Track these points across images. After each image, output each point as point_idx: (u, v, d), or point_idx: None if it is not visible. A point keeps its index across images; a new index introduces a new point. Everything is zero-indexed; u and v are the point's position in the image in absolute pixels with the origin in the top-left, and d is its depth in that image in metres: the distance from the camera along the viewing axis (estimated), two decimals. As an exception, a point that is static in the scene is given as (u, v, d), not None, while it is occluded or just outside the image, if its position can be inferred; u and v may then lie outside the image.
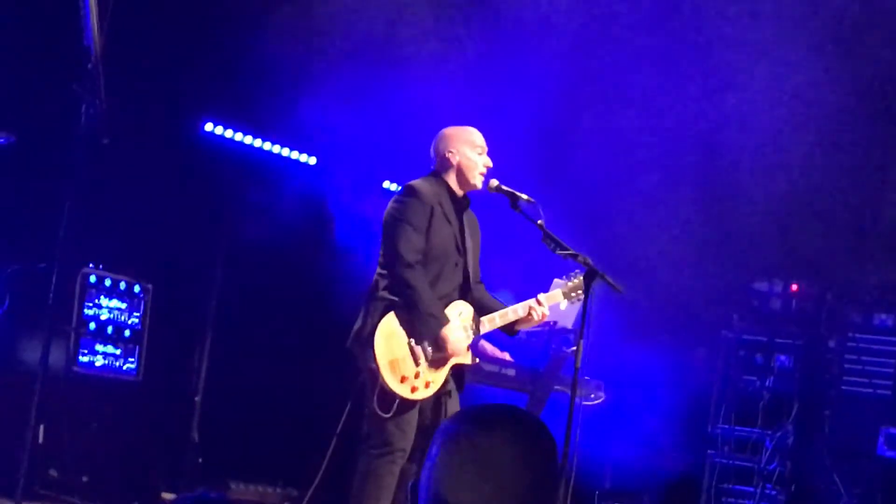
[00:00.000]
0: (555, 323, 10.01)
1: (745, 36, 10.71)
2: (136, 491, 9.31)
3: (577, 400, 7.34)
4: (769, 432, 11.45)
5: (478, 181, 7.47)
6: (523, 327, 7.68)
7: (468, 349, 7.40)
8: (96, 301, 9.61)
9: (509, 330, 7.68)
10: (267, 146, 11.29)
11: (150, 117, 10.02)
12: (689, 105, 10.95)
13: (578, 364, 7.29)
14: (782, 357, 11.63)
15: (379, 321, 7.15)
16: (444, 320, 7.20)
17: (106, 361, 9.63)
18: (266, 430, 10.84)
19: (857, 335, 11.47)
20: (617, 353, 10.18)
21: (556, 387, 9.81)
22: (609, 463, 10.50)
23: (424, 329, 7.16)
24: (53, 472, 8.61)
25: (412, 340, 7.15)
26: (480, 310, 7.54)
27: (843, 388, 11.49)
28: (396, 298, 7.17)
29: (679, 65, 10.92)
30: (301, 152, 11.47)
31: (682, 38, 10.82)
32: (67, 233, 6.32)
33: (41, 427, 6.11)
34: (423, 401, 7.22)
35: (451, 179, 7.49)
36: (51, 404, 6.31)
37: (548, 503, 2.83)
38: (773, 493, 11.40)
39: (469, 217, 7.63)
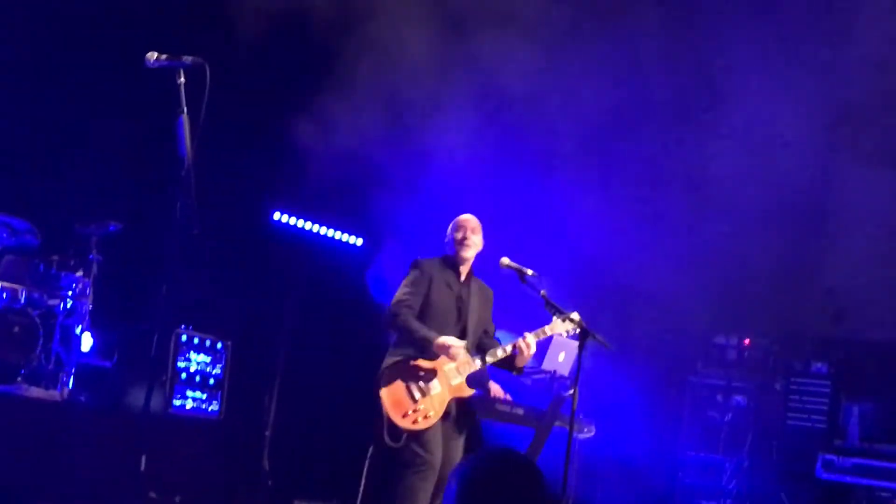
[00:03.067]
0: (555, 371, 10.01)
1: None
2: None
3: (573, 434, 7.32)
4: (728, 458, 11.38)
5: (461, 254, 7.54)
6: (519, 363, 7.59)
7: (462, 386, 7.36)
8: (187, 355, 9.63)
9: (511, 367, 7.65)
10: (322, 230, 11.33)
11: (231, 210, 10.11)
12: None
13: (575, 406, 7.27)
14: (738, 397, 11.57)
15: (384, 369, 7.26)
16: (434, 336, 7.20)
17: (195, 404, 9.63)
18: (324, 457, 10.81)
19: (798, 379, 11.42)
20: (605, 397, 10.14)
21: (557, 423, 9.77)
22: (599, 486, 10.43)
23: (422, 349, 7.21)
24: (153, 494, 8.59)
25: (407, 384, 7.20)
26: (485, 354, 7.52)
27: (788, 422, 11.42)
28: (398, 352, 7.29)
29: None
30: (350, 234, 11.51)
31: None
32: (165, 301, 6.31)
33: (143, 457, 6.08)
34: (430, 428, 7.18)
35: (453, 257, 7.58)
36: (151, 439, 6.28)
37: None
38: (732, 507, 11.33)
39: (477, 286, 7.66)
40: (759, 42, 10.31)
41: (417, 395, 7.20)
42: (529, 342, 7.50)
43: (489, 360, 7.50)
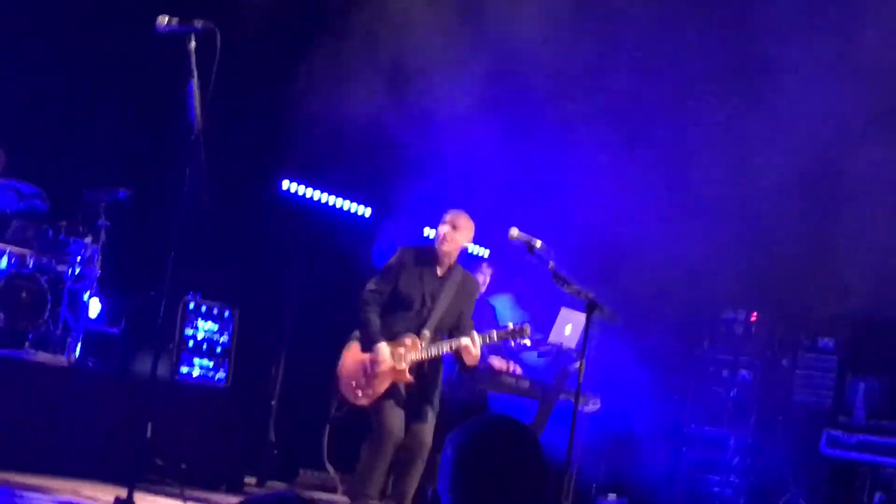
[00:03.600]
0: (561, 344, 10.01)
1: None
2: (223, 476, 9.29)
3: (579, 407, 7.33)
4: (733, 433, 11.39)
5: (439, 249, 7.78)
6: (467, 361, 7.68)
7: (404, 372, 7.55)
8: (194, 323, 9.62)
9: (463, 365, 7.79)
10: (330, 199, 11.32)
11: (240, 177, 10.08)
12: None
13: (581, 378, 7.27)
14: (744, 372, 11.59)
15: (351, 340, 7.76)
16: (378, 341, 7.52)
17: (201, 372, 9.63)
18: (329, 428, 10.81)
19: (805, 355, 11.43)
20: (611, 370, 10.14)
21: (562, 395, 9.78)
22: (603, 459, 10.44)
23: (366, 345, 7.58)
24: (159, 461, 8.60)
25: (361, 359, 7.61)
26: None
27: (793, 397, 11.43)
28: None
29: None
30: (359, 204, 11.49)
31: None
32: (173, 268, 6.31)
33: (150, 424, 6.08)
34: (373, 403, 7.53)
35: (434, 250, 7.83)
36: (157, 406, 6.29)
37: (542, 493, 2.77)
38: (736, 482, 11.34)
39: (459, 280, 7.81)
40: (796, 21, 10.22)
41: (365, 374, 7.56)
42: (471, 344, 7.57)
43: (435, 351, 7.65)
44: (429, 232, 11.59)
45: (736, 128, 10.67)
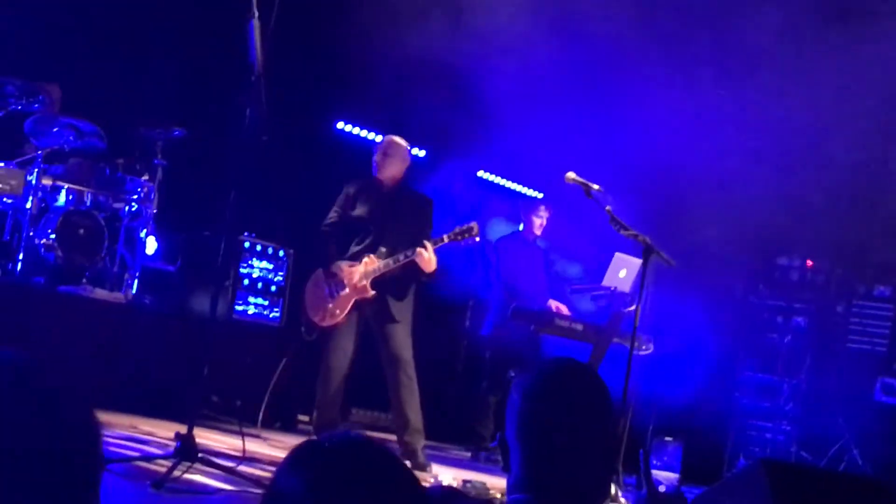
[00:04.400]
0: (615, 288, 9.98)
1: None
2: (278, 414, 9.38)
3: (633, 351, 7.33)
4: (786, 380, 11.37)
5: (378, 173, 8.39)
6: (424, 267, 7.95)
7: (365, 287, 8.02)
8: (249, 262, 9.69)
9: (420, 273, 8.05)
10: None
11: (295, 119, 10.10)
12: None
13: (637, 322, 7.26)
14: (798, 319, 11.54)
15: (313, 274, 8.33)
16: (334, 262, 8.18)
17: (256, 310, 9.71)
18: (380, 368, 10.88)
19: (861, 302, 11.36)
20: (665, 314, 10.10)
21: (615, 339, 9.77)
22: (656, 402, 10.43)
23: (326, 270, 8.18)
24: (215, 398, 8.71)
25: (323, 286, 8.18)
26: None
27: (848, 345, 11.39)
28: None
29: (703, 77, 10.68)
30: (413, 146, 11.47)
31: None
32: (230, 208, 6.34)
33: (207, 362, 6.14)
34: (338, 324, 8.12)
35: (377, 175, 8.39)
36: (213, 344, 6.34)
37: (610, 435, 2.78)
38: (788, 429, 11.33)
39: (408, 198, 8.36)
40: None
41: (331, 295, 8.10)
42: (423, 249, 7.89)
43: (392, 263, 8.02)
44: (483, 174, 11.58)
45: (806, 78, 10.53)
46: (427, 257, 7.85)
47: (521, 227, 10.37)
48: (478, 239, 8.24)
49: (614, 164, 9.82)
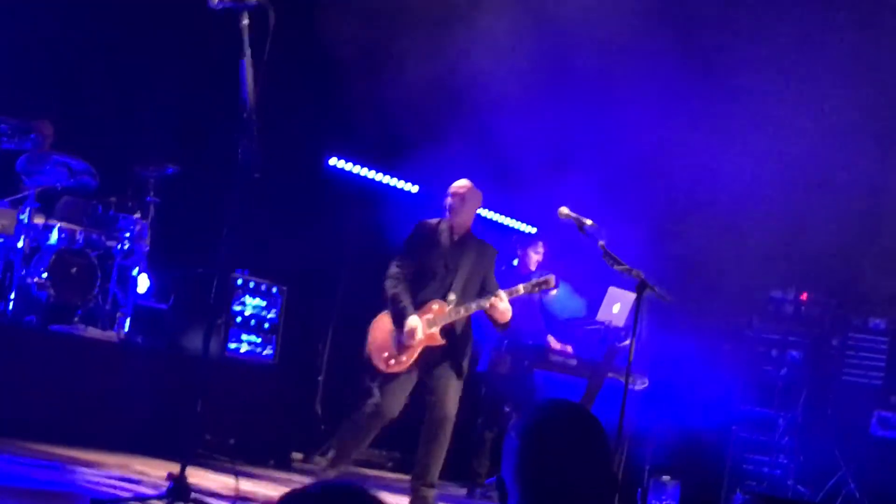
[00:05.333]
0: (609, 322, 9.99)
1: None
2: (271, 451, 9.35)
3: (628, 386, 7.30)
4: (782, 413, 11.34)
5: (450, 219, 7.97)
6: (498, 318, 7.77)
7: (434, 335, 7.69)
8: (242, 299, 9.68)
9: (495, 322, 7.87)
10: (378, 177, 11.33)
11: (287, 155, 10.10)
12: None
13: (631, 357, 7.23)
14: (793, 352, 11.52)
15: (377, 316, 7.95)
16: (409, 314, 7.70)
17: (249, 348, 9.69)
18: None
19: (856, 335, 11.35)
20: (660, 348, 10.10)
21: (610, 374, 9.77)
22: (652, 437, 10.41)
23: (397, 319, 7.75)
24: (208, 436, 8.66)
25: (392, 332, 7.77)
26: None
27: (843, 378, 11.37)
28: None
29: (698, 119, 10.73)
30: (406, 181, 11.50)
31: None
32: (222, 245, 6.33)
33: (199, 400, 6.11)
34: (401, 372, 7.70)
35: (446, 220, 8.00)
36: (206, 382, 6.32)
37: (608, 476, 2.77)
38: (785, 462, 11.29)
39: (475, 246, 7.99)
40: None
41: (401, 341, 7.72)
42: (497, 300, 7.68)
43: (463, 311, 7.77)
44: (480, 211, 11.58)
45: (782, 104, 10.59)
46: (502, 308, 7.69)
47: (515, 262, 10.36)
48: (554, 292, 8.17)
49: (609, 193, 9.85)
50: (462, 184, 8.09)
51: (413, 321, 7.70)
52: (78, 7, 9.80)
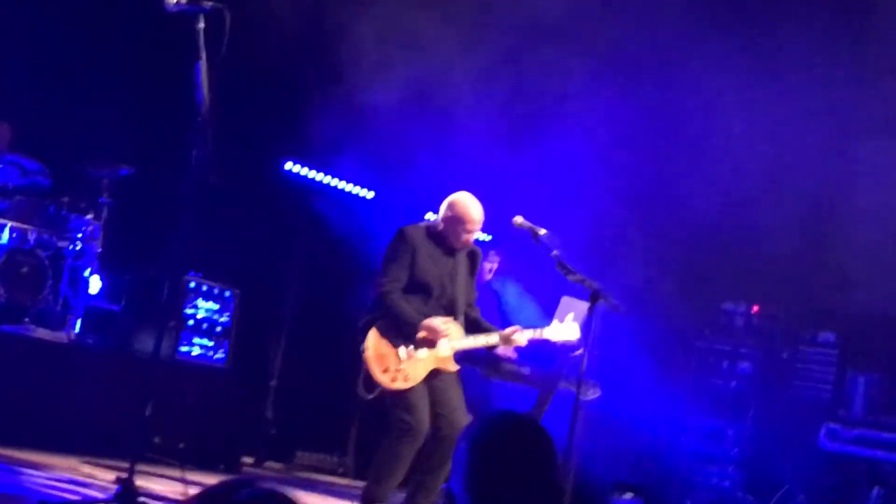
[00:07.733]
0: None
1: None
2: (221, 456, 9.33)
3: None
4: (732, 425, 11.42)
5: (455, 244, 7.38)
6: (503, 346, 7.59)
7: (448, 360, 7.24)
8: (195, 303, 9.65)
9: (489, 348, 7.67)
10: (333, 181, 11.33)
11: (242, 159, 10.08)
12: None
13: (584, 366, 7.25)
14: (744, 364, 11.61)
15: (374, 321, 7.17)
16: (418, 321, 7.11)
17: (201, 351, 9.67)
18: (327, 410, 10.86)
19: (805, 348, 11.45)
20: (611, 359, 10.14)
21: (562, 384, 9.79)
22: (602, 447, 10.45)
23: (408, 335, 7.13)
24: (157, 440, 8.62)
25: (395, 343, 7.12)
26: (474, 329, 7.46)
27: (793, 390, 11.47)
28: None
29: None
30: (361, 187, 11.51)
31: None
32: (175, 248, 6.33)
33: (149, 403, 6.10)
34: (415, 392, 7.10)
35: (443, 234, 7.39)
36: (157, 385, 6.30)
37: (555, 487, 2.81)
38: (734, 474, 11.37)
39: (464, 255, 7.48)
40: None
41: (403, 355, 7.13)
42: (520, 336, 7.45)
43: (475, 343, 7.41)
44: (430, 216, 11.60)
45: (729, 121, 10.71)
46: (521, 345, 7.51)
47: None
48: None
49: (559, 206, 9.90)
50: (476, 210, 7.41)
51: (435, 321, 7.15)
52: (32, 7, 9.74)
